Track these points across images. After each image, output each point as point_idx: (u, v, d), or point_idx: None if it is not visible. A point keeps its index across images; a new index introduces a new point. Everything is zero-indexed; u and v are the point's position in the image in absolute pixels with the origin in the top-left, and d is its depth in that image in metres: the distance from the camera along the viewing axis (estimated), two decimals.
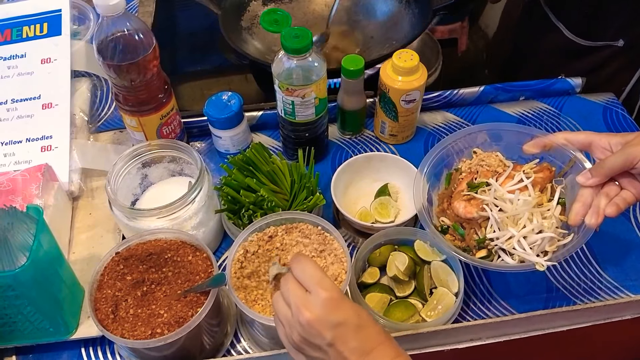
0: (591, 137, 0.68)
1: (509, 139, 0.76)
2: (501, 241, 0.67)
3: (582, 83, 1.02)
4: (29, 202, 0.75)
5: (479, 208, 0.69)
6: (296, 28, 0.77)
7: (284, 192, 0.79)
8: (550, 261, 0.65)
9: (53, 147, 0.86)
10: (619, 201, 0.65)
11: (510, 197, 0.68)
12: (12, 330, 0.69)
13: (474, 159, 0.77)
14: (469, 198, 0.70)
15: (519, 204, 0.67)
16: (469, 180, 0.74)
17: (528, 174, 0.70)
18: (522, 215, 0.67)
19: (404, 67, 0.85)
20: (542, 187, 0.70)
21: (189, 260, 0.70)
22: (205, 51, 1.25)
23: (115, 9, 0.72)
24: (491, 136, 0.77)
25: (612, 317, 0.76)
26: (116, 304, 0.66)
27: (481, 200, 0.69)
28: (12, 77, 0.93)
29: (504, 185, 0.70)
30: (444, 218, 0.73)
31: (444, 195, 0.76)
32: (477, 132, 0.76)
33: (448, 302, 0.72)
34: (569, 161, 0.72)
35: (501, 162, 0.75)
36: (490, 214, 0.68)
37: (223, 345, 0.73)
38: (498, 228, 0.68)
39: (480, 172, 0.75)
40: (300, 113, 0.83)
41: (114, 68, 0.76)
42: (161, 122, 0.85)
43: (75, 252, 0.81)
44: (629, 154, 0.63)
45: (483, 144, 0.77)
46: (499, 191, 0.69)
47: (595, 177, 0.65)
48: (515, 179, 0.70)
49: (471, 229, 0.70)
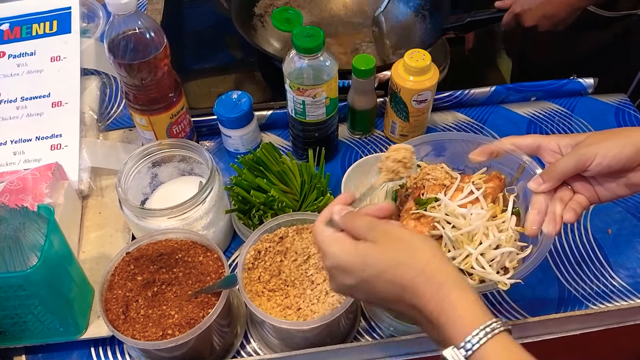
0: (539, 140, 0.63)
1: (454, 148, 0.72)
2: (458, 261, 0.61)
3: (594, 84, 1.01)
4: (39, 201, 0.75)
5: (431, 226, 0.63)
6: (308, 27, 0.76)
7: (294, 193, 0.79)
8: (512, 279, 0.60)
9: (63, 145, 0.86)
10: (574, 206, 0.61)
11: (462, 212, 0.62)
12: (23, 330, 0.69)
13: (419, 173, 0.72)
14: (418, 216, 0.65)
15: (472, 218, 0.62)
16: (416, 197, 0.69)
17: (478, 184, 0.66)
18: (477, 231, 0.61)
19: (416, 67, 0.84)
20: (494, 198, 0.65)
21: (200, 260, 0.69)
22: (213, 49, 1.25)
23: (127, 8, 0.72)
24: (435, 147, 0.72)
25: (625, 321, 0.75)
26: (127, 305, 0.66)
27: (432, 217, 0.64)
28: (21, 75, 0.93)
29: (454, 199, 0.65)
30: None
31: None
32: (420, 144, 0.71)
33: None
34: (518, 167, 0.67)
35: (447, 173, 0.70)
36: (443, 232, 0.62)
37: (233, 346, 0.73)
38: (453, 247, 0.62)
39: (427, 186, 0.69)
40: (310, 113, 0.83)
41: (125, 67, 0.76)
42: (171, 121, 0.85)
43: (85, 251, 0.81)
44: (581, 156, 0.58)
45: (427, 156, 0.73)
46: (450, 206, 0.63)
47: (547, 182, 0.61)
48: (465, 192, 0.65)
49: None
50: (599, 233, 0.83)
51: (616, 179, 0.60)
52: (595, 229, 0.84)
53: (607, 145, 0.57)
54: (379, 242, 0.50)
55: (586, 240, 0.83)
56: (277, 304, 0.67)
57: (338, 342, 0.71)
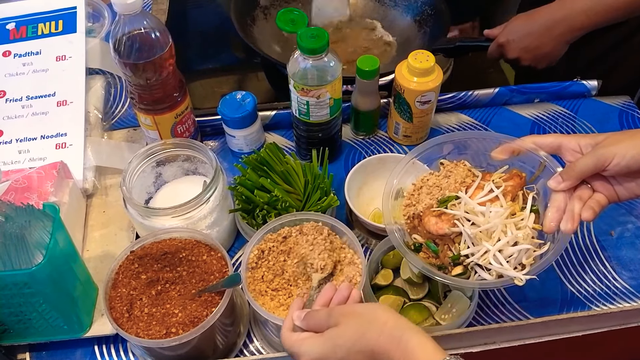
0: (560, 140, 0.65)
1: (476, 147, 0.72)
2: (476, 257, 0.63)
3: (597, 86, 1.01)
4: (44, 199, 0.76)
5: (451, 223, 0.65)
6: (313, 28, 0.76)
7: (297, 193, 0.79)
8: (528, 275, 0.62)
9: (68, 144, 0.86)
10: (593, 204, 0.62)
11: (481, 210, 0.64)
12: (27, 327, 0.69)
13: (442, 171, 0.73)
14: (439, 213, 0.66)
15: (491, 216, 0.63)
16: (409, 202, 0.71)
17: (498, 183, 0.67)
18: (495, 228, 0.63)
19: (420, 68, 0.85)
20: (514, 196, 0.66)
21: (204, 259, 0.70)
22: (217, 49, 1.25)
23: (133, 8, 0.72)
24: (457, 146, 0.73)
25: (628, 322, 0.75)
26: (131, 303, 0.66)
27: (452, 215, 0.65)
28: (27, 74, 0.93)
29: (474, 197, 0.66)
30: (416, 235, 0.69)
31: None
32: (442, 142, 0.72)
33: (462, 306, 0.72)
34: (539, 166, 0.68)
35: (469, 171, 0.71)
36: (463, 229, 0.64)
37: (236, 345, 0.73)
38: (472, 243, 0.64)
39: (445, 186, 0.70)
40: (314, 113, 0.83)
41: (130, 66, 0.76)
42: (176, 120, 0.85)
43: (89, 250, 0.81)
44: (601, 155, 0.60)
45: (450, 155, 0.74)
46: (470, 204, 0.65)
47: (567, 180, 0.62)
48: (485, 190, 0.66)
49: (444, 245, 0.66)
50: (602, 235, 0.83)
51: (635, 179, 0.61)
52: (599, 230, 0.84)
53: (625, 145, 0.59)
54: (340, 324, 0.56)
55: (589, 242, 0.83)
56: (280, 303, 0.68)
57: None
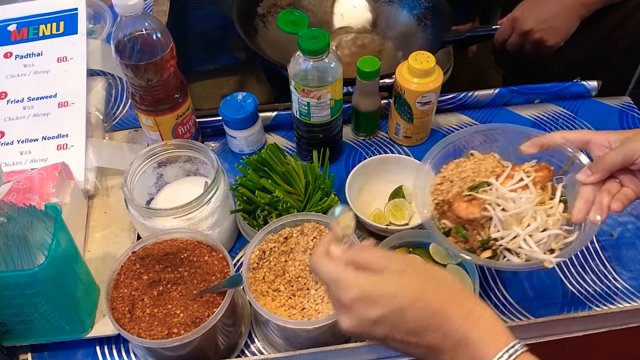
0: (589, 135, 0.66)
1: (505, 139, 0.74)
2: (506, 240, 0.65)
3: (597, 86, 1.02)
4: (45, 200, 0.76)
5: (481, 208, 0.66)
6: (313, 29, 0.76)
7: (298, 193, 0.79)
8: (558, 257, 0.63)
9: (69, 145, 0.87)
10: (621, 197, 0.63)
11: (512, 196, 0.66)
12: (29, 328, 0.69)
13: (470, 160, 0.74)
14: (470, 199, 0.68)
15: (521, 201, 0.65)
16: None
17: (528, 172, 0.68)
18: (525, 214, 0.65)
19: (420, 69, 0.85)
20: (542, 186, 0.68)
21: (205, 260, 0.70)
22: (218, 50, 1.25)
23: (134, 9, 0.72)
24: (487, 137, 0.74)
25: (629, 323, 0.75)
26: (133, 304, 0.66)
27: (483, 200, 0.67)
28: (28, 75, 0.93)
29: (504, 185, 0.68)
30: (445, 221, 0.70)
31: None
32: (473, 133, 0.74)
33: None
34: (567, 160, 0.70)
35: (499, 163, 0.72)
36: (494, 214, 0.65)
37: (237, 345, 0.73)
38: (502, 227, 0.65)
39: (474, 175, 0.71)
40: (315, 114, 0.83)
41: (132, 67, 0.76)
42: (177, 121, 0.85)
43: (91, 251, 0.81)
44: (629, 150, 0.61)
45: (480, 146, 0.75)
46: (501, 190, 0.67)
47: (596, 174, 0.63)
48: (515, 178, 0.68)
49: (474, 230, 0.68)
50: (603, 235, 0.84)
51: None
52: (599, 231, 0.84)
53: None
54: (406, 271, 0.49)
55: (590, 243, 0.83)
56: (281, 303, 0.68)
57: (342, 342, 0.71)
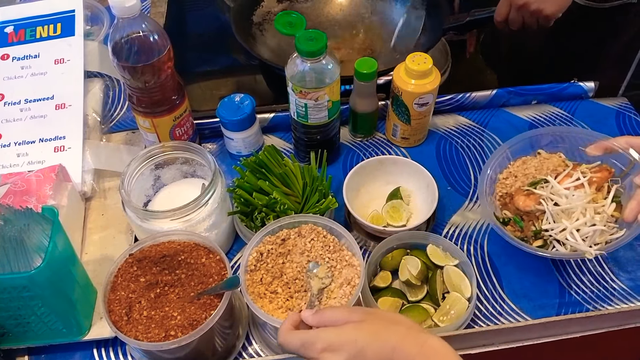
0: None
1: (571, 141, 0.82)
2: (555, 232, 0.72)
3: (595, 87, 1.02)
4: (42, 202, 0.76)
5: (537, 202, 0.74)
6: (311, 31, 0.76)
7: (296, 195, 0.79)
8: (598, 251, 0.69)
9: (66, 147, 0.86)
10: None
11: (565, 193, 0.73)
12: (26, 331, 0.69)
13: (538, 157, 0.82)
14: (528, 193, 0.76)
15: (572, 198, 0.72)
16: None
17: (584, 172, 0.76)
18: (575, 209, 0.72)
19: (418, 70, 0.85)
20: (599, 186, 0.75)
21: (203, 262, 0.70)
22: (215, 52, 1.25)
23: (131, 11, 0.72)
24: (554, 138, 0.83)
25: (626, 323, 0.75)
26: (130, 306, 0.66)
27: (539, 195, 0.75)
28: (25, 77, 0.93)
29: (562, 182, 0.76)
30: (506, 211, 0.79)
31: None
32: (541, 134, 0.83)
33: (461, 307, 0.72)
34: (628, 164, 0.76)
35: (564, 162, 0.80)
36: (546, 207, 0.73)
37: (235, 347, 0.73)
38: (553, 220, 0.73)
39: (537, 172, 0.80)
40: (313, 116, 0.83)
41: (129, 69, 0.76)
42: (174, 123, 0.85)
43: (88, 253, 0.81)
44: None
45: (547, 146, 0.83)
46: (556, 187, 0.74)
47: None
48: (573, 177, 0.75)
49: (529, 221, 0.76)
50: None
51: None
52: None
53: None
54: (365, 319, 0.55)
55: None
56: (279, 305, 0.68)
57: None
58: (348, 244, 0.71)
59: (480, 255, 0.82)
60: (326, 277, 0.69)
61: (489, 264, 0.81)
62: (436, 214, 0.84)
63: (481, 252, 0.82)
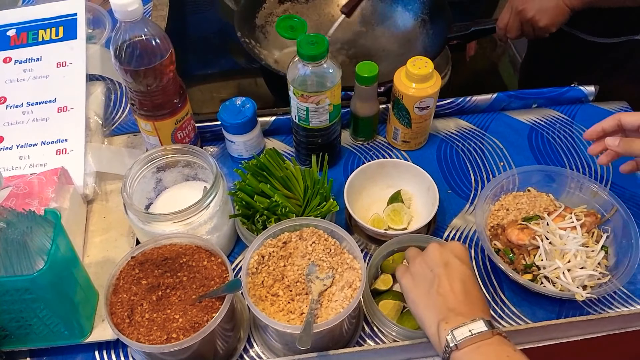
0: None
1: (560, 181, 0.84)
2: (548, 270, 0.74)
3: (595, 91, 1.02)
4: (44, 205, 0.76)
5: (531, 237, 0.76)
6: (312, 35, 0.77)
7: (297, 198, 0.80)
8: (590, 294, 0.72)
9: (68, 150, 0.87)
10: None
11: (561, 233, 0.76)
12: (28, 333, 0.69)
13: (528, 194, 0.85)
14: (522, 227, 0.78)
15: (568, 239, 0.75)
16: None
17: (579, 216, 0.79)
18: (569, 251, 0.74)
19: (418, 74, 0.85)
20: (588, 230, 0.78)
21: (204, 265, 0.70)
22: (216, 55, 1.26)
23: (134, 15, 0.72)
24: (544, 176, 0.85)
25: (626, 327, 0.76)
26: (132, 309, 0.66)
27: (534, 231, 0.77)
28: (27, 80, 0.94)
29: (556, 223, 0.78)
30: (497, 242, 0.79)
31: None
32: (532, 170, 0.85)
33: None
34: (611, 209, 0.79)
35: (552, 202, 0.83)
36: (541, 244, 0.75)
37: (236, 350, 0.73)
38: (546, 258, 0.74)
39: (529, 208, 0.83)
40: (314, 119, 0.84)
41: (131, 73, 0.76)
42: (176, 126, 0.85)
43: (90, 256, 0.81)
44: None
45: (536, 183, 0.85)
46: (552, 226, 0.77)
47: None
48: (566, 219, 0.78)
49: (520, 254, 0.77)
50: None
51: None
52: None
53: None
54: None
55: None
56: (280, 308, 0.68)
57: (341, 346, 0.71)
58: (349, 247, 0.72)
59: (480, 259, 0.82)
60: (327, 277, 0.69)
61: (490, 267, 0.81)
62: (437, 217, 0.84)
63: (482, 255, 0.83)
